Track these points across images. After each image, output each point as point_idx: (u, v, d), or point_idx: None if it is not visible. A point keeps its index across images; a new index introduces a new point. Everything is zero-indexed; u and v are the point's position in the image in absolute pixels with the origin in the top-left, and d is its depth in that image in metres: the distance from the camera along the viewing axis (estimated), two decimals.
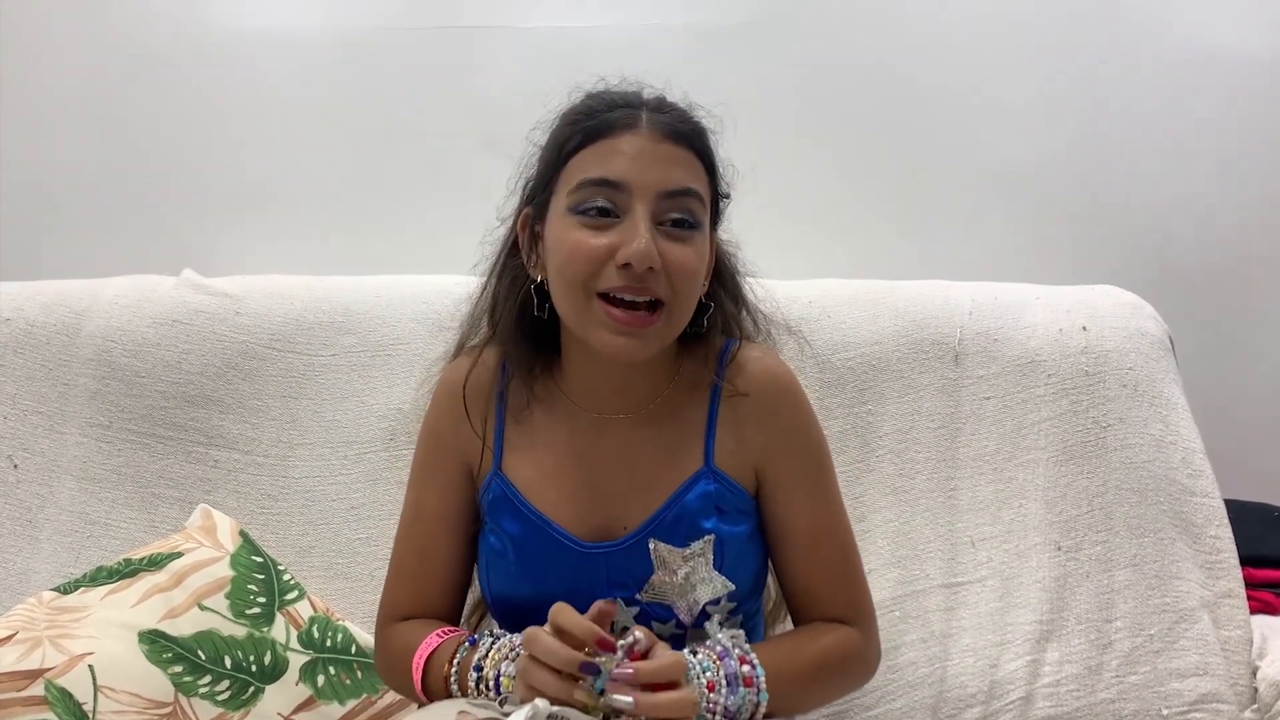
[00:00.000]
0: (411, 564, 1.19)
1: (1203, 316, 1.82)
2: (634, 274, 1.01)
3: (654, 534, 1.09)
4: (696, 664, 1.00)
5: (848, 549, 1.16)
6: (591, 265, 1.02)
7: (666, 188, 1.03)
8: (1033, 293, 1.58)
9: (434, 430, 1.20)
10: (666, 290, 1.03)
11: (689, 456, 1.12)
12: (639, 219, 1.01)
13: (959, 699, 1.37)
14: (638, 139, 1.04)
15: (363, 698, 1.34)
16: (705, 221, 1.07)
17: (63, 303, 1.58)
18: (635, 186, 1.02)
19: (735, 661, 1.01)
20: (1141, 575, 1.40)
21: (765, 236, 1.26)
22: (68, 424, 1.53)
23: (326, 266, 1.69)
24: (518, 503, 1.13)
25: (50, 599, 1.26)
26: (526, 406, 1.16)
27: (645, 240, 1.00)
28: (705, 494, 1.10)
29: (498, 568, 1.13)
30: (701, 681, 0.99)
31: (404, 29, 1.84)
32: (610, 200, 1.03)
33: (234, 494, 1.51)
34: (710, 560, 1.09)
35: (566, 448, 1.14)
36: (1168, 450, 1.46)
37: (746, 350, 1.16)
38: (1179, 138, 1.82)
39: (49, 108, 1.86)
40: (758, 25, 1.82)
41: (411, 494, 1.21)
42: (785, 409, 1.15)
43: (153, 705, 1.19)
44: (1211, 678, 1.35)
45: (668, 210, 1.04)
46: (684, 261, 1.03)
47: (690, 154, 1.07)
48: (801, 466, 1.14)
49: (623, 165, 1.03)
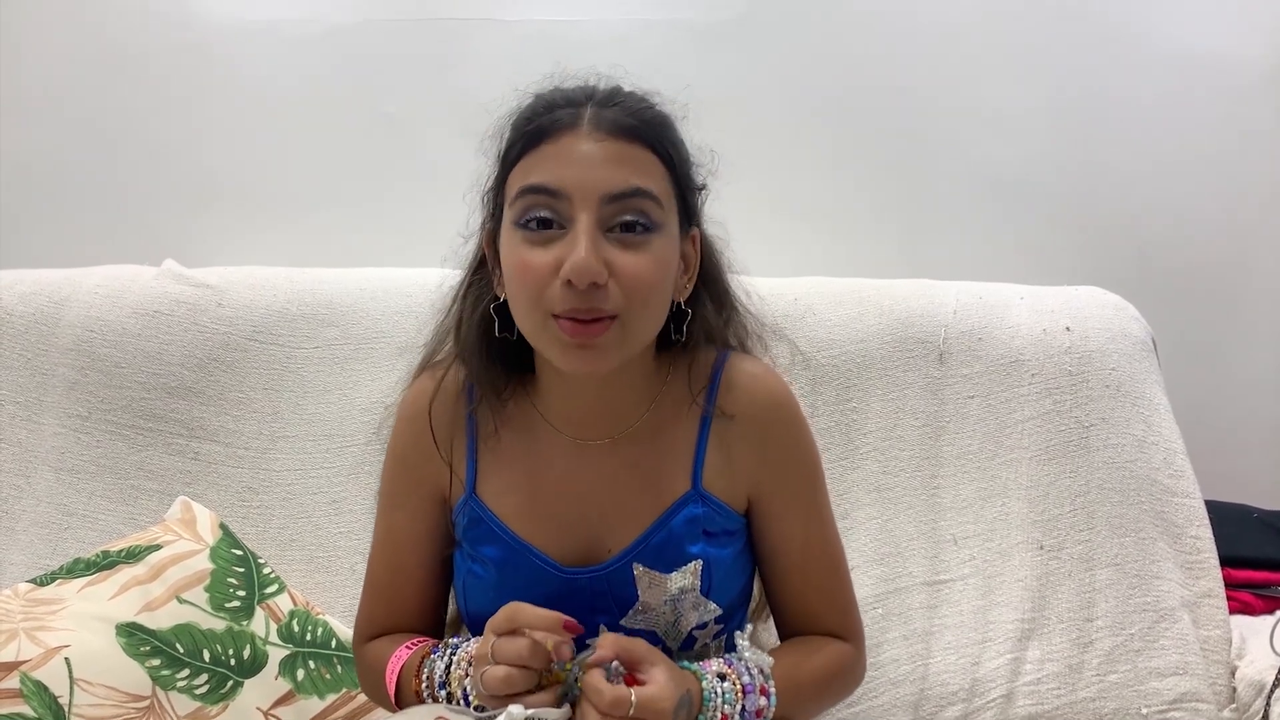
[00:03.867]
0: (384, 584, 1.14)
1: (1186, 318, 1.83)
2: (577, 292, 0.92)
3: (639, 558, 1.04)
4: (718, 693, 0.96)
5: (839, 568, 1.12)
6: (540, 284, 0.94)
7: (611, 190, 0.94)
8: (1017, 293, 1.58)
9: (399, 457, 1.13)
10: (619, 302, 0.94)
11: (676, 478, 1.06)
12: (581, 229, 0.93)
13: (940, 696, 1.37)
14: (578, 139, 0.95)
15: (342, 692, 1.33)
16: (666, 222, 0.98)
17: (42, 292, 1.57)
18: (575, 192, 0.94)
19: (757, 694, 0.97)
20: (1122, 574, 1.41)
21: (751, 233, 1.25)
22: (46, 414, 1.52)
23: (309, 258, 1.68)
24: (495, 527, 1.07)
25: (26, 591, 1.24)
26: (496, 430, 1.09)
27: (583, 254, 0.91)
28: (693, 518, 1.05)
29: (475, 590, 1.08)
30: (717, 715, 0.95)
31: (386, 21, 1.83)
32: (552, 209, 0.94)
33: (214, 486, 1.50)
34: (698, 587, 1.04)
35: (545, 472, 1.07)
36: (1149, 451, 1.47)
37: (740, 364, 1.09)
38: (1164, 140, 1.83)
39: (30, 97, 1.85)
40: (745, 20, 1.81)
41: (381, 519, 1.14)
42: (780, 431, 1.08)
43: (130, 699, 1.18)
44: (1191, 677, 1.36)
45: (615, 215, 0.94)
46: (637, 271, 0.94)
47: (641, 149, 0.97)
48: (796, 489, 1.09)
49: (561, 170, 0.94)
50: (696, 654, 1.07)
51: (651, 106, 1.02)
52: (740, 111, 1.81)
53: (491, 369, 1.07)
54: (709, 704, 0.95)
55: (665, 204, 0.98)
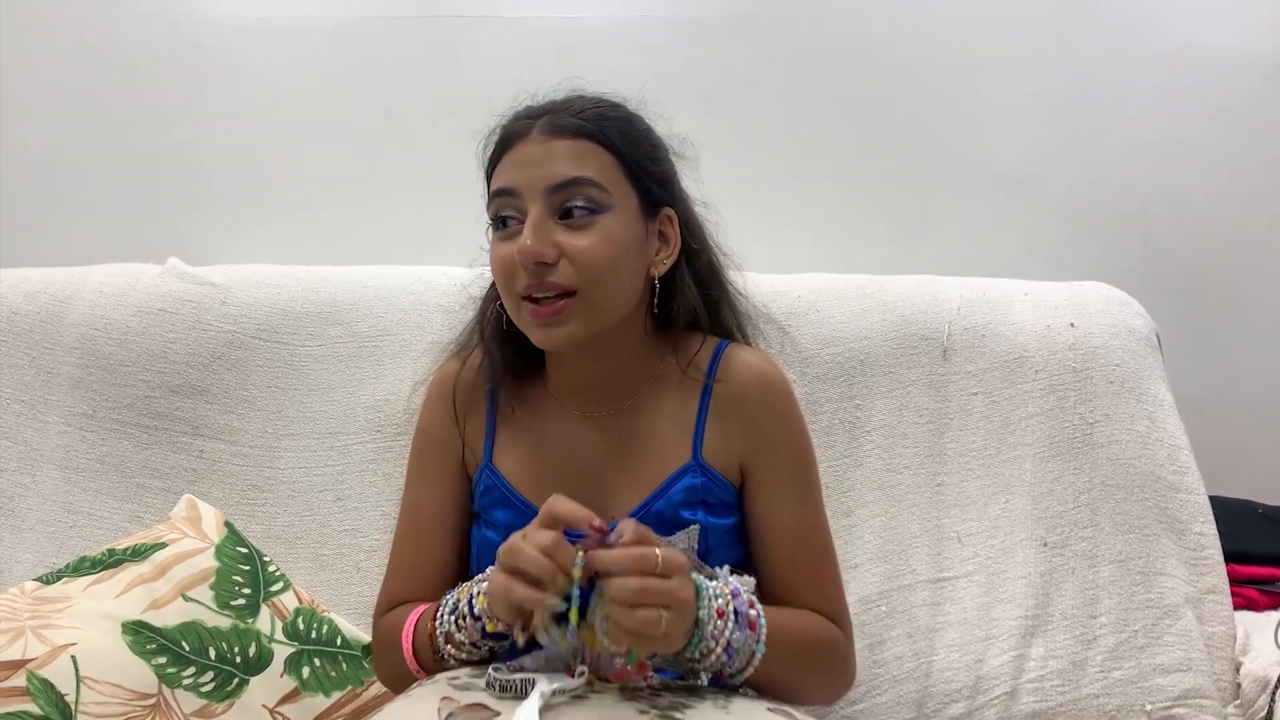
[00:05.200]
0: (408, 560, 1.21)
1: (1190, 314, 1.83)
2: (530, 270, 1.06)
3: None
4: (710, 588, 0.98)
5: (827, 553, 1.17)
6: (507, 272, 1.09)
7: (551, 182, 1.07)
8: (1021, 289, 1.58)
9: (425, 430, 1.25)
10: (574, 279, 1.06)
11: (676, 450, 1.14)
12: (529, 221, 1.07)
13: (944, 693, 1.37)
14: (528, 145, 1.10)
15: (348, 690, 1.33)
16: (613, 204, 1.09)
17: (46, 290, 1.57)
18: (524, 189, 1.08)
19: (745, 602, 1.00)
20: (1126, 571, 1.41)
21: (755, 230, 1.26)
22: (50, 413, 1.52)
23: (313, 256, 1.68)
24: (507, 492, 1.16)
25: (33, 589, 1.25)
26: (515, 406, 1.20)
27: (527, 238, 1.05)
28: (691, 487, 1.12)
29: (488, 555, 1.12)
30: (712, 607, 0.97)
31: (391, 18, 1.83)
32: (512, 208, 1.09)
33: (219, 485, 1.50)
34: (695, 549, 1.10)
35: (554, 444, 1.17)
36: (1153, 446, 1.46)
37: (738, 351, 1.19)
38: (1168, 135, 1.83)
39: (34, 95, 1.85)
40: (747, 17, 1.81)
41: (407, 493, 1.25)
42: (771, 410, 1.16)
43: (136, 696, 1.19)
44: (1195, 673, 1.36)
45: (561, 202, 1.08)
46: (584, 248, 1.06)
47: (584, 143, 1.09)
48: (786, 468, 1.16)
49: (514, 172, 1.09)
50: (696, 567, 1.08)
51: (598, 105, 1.14)
52: (744, 106, 1.81)
53: (506, 355, 1.19)
54: (703, 592, 0.97)
55: (612, 188, 1.09)
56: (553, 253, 1.06)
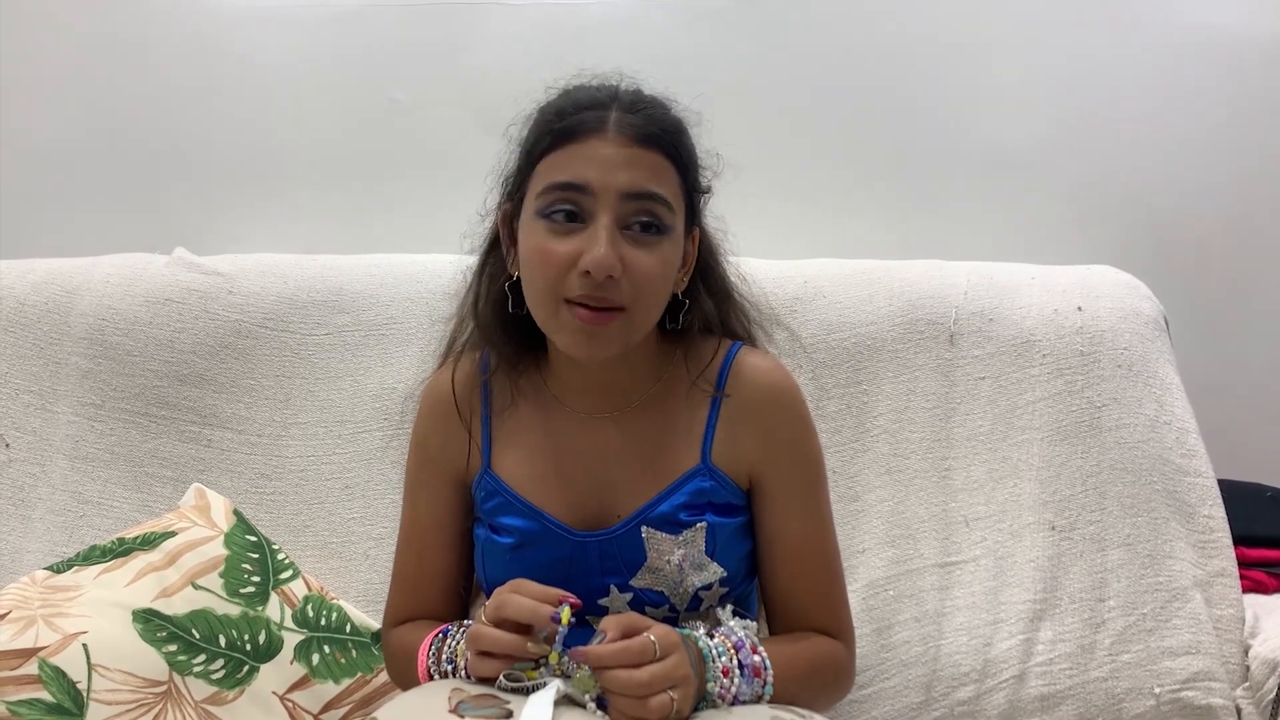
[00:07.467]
0: (411, 571, 1.21)
1: (1198, 297, 1.82)
2: (594, 281, 1.00)
3: (646, 523, 1.10)
4: (713, 648, 1.00)
5: (834, 566, 1.17)
6: (558, 271, 1.02)
7: (631, 189, 1.02)
8: (1028, 273, 1.58)
9: (420, 442, 1.22)
10: (628, 295, 1.02)
11: (685, 453, 1.13)
12: (601, 225, 1.01)
13: (952, 677, 1.37)
14: (605, 143, 1.03)
15: (357, 676, 1.34)
16: (674, 226, 1.05)
17: (54, 281, 1.57)
18: (599, 190, 1.01)
19: (749, 651, 1.02)
20: (1135, 554, 1.41)
21: (760, 216, 1.25)
22: (59, 403, 1.53)
23: (319, 245, 1.68)
24: (510, 496, 1.14)
25: (43, 578, 1.25)
26: (511, 402, 1.17)
27: (604, 248, 0.99)
28: (699, 490, 1.11)
29: (493, 558, 1.15)
30: (717, 667, 0.99)
31: (394, 5, 1.82)
32: (575, 204, 1.02)
33: (228, 473, 1.50)
34: (702, 547, 1.10)
35: (556, 442, 1.15)
36: (1162, 430, 1.46)
37: (749, 356, 1.16)
38: (1175, 117, 1.81)
39: (40, 84, 1.85)
40: (753, 2, 1.80)
41: (406, 504, 1.23)
42: (782, 419, 1.14)
43: (147, 684, 1.19)
44: (1204, 656, 1.36)
45: (632, 214, 1.02)
46: (648, 269, 1.03)
47: (659, 156, 1.04)
48: (795, 480, 1.14)
49: (588, 170, 1.02)
50: (702, 615, 1.12)
51: (669, 113, 1.09)
52: (748, 93, 1.80)
53: (507, 342, 1.16)
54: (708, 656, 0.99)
55: (675, 208, 1.06)
56: (620, 267, 1.01)
